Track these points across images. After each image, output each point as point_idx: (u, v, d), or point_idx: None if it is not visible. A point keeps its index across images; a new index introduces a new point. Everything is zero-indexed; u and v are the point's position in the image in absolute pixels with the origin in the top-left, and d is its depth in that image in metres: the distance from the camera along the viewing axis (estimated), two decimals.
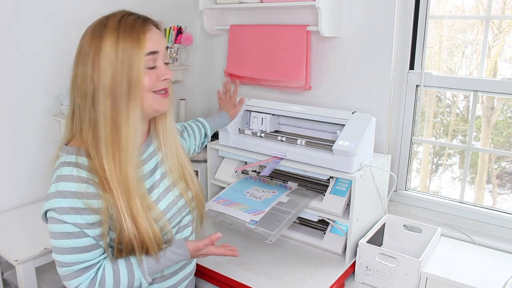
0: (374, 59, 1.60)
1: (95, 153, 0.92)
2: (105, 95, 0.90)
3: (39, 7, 1.57)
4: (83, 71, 0.91)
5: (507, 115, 1.73)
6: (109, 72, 0.89)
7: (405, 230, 1.48)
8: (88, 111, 0.92)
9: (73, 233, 0.90)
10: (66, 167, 0.91)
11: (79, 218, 0.89)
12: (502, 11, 1.54)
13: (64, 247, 0.91)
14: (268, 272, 1.30)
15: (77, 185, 0.89)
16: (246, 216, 1.37)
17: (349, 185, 1.38)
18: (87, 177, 0.91)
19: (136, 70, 0.91)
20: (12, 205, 1.63)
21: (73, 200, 0.89)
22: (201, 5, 1.84)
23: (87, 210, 0.89)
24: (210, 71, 2.13)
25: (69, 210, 0.88)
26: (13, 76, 1.55)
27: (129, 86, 0.91)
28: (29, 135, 1.63)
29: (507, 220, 1.49)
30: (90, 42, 0.91)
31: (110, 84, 0.89)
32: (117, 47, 0.89)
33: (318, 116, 1.49)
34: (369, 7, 1.58)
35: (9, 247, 1.37)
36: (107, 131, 0.91)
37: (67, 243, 0.90)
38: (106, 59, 0.89)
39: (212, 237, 1.06)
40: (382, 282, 1.28)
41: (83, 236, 0.90)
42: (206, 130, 1.46)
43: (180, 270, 1.11)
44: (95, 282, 0.93)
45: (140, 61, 0.91)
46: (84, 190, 0.89)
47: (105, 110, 0.90)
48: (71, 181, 0.89)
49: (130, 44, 0.90)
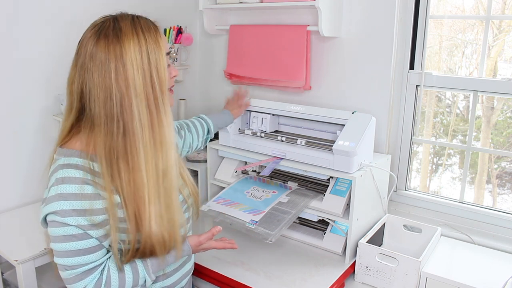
0: (374, 59, 1.60)
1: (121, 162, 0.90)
2: (140, 98, 0.89)
3: (39, 7, 1.57)
4: (102, 79, 0.88)
5: (507, 115, 1.73)
6: (139, 75, 0.89)
7: (405, 230, 1.48)
8: (116, 119, 0.89)
9: (76, 235, 0.89)
10: (66, 169, 0.90)
11: (82, 220, 0.88)
12: (502, 11, 1.54)
13: (67, 250, 0.90)
14: (268, 272, 1.30)
15: (78, 186, 0.89)
16: (246, 216, 1.38)
17: (349, 185, 1.38)
18: (88, 178, 0.90)
19: (163, 70, 0.92)
20: (12, 205, 1.63)
21: (75, 202, 0.88)
22: (201, 5, 1.84)
23: (89, 211, 0.89)
24: (210, 71, 2.13)
25: (72, 212, 0.88)
26: (13, 76, 1.55)
27: (161, 86, 0.92)
28: (29, 135, 1.63)
29: (507, 220, 1.49)
30: (107, 48, 0.88)
31: (142, 87, 0.89)
32: (141, 50, 0.89)
33: (318, 116, 1.49)
34: (369, 7, 1.58)
35: (9, 247, 1.37)
36: (144, 134, 0.90)
37: (70, 246, 0.89)
38: (134, 64, 0.88)
39: (212, 231, 1.09)
40: (382, 282, 1.28)
41: (86, 237, 0.90)
42: (208, 126, 1.46)
43: (180, 267, 1.11)
44: (100, 283, 0.93)
45: (164, 60, 0.93)
46: (85, 191, 0.89)
47: (141, 113, 0.89)
48: (72, 183, 0.89)
49: (152, 45, 0.91)
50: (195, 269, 1.32)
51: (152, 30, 0.93)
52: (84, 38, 0.92)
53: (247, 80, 1.87)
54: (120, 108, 0.88)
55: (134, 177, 0.90)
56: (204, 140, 1.47)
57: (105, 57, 0.88)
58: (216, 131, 1.51)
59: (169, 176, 0.95)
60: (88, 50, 0.89)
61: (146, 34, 0.91)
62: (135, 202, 0.91)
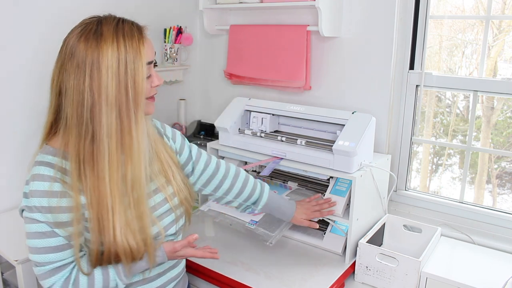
0: (374, 59, 1.60)
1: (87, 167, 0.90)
2: (110, 107, 0.88)
3: (39, 7, 1.57)
4: (77, 82, 0.88)
5: (507, 115, 1.73)
6: (113, 83, 0.87)
7: (405, 230, 1.48)
8: (85, 124, 0.89)
9: (45, 233, 0.90)
10: (38, 167, 0.91)
11: (50, 217, 0.89)
12: (502, 11, 1.54)
13: (37, 247, 0.91)
14: (268, 272, 1.30)
15: (47, 184, 0.89)
16: (246, 216, 1.38)
17: (349, 185, 1.37)
18: (57, 177, 0.90)
19: (140, 80, 0.90)
20: (12, 205, 1.63)
21: (43, 199, 0.89)
22: (201, 5, 1.84)
23: (56, 209, 0.89)
24: (210, 71, 2.13)
25: (41, 209, 0.89)
26: (13, 76, 1.55)
27: (135, 97, 0.90)
28: (29, 135, 1.63)
29: (507, 220, 1.49)
30: (85, 52, 0.87)
31: (115, 96, 0.88)
32: (119, 58, 0.88)
33: (318, 116, 1.49)
34: (369, 7, 1.58)
35: (9, 247, 1.37)
36: (111, 143, 0.89)
37: (40, 243, 0.91)
38: (109, 70, 0.87)
39: (189, 238, 1.03)
40: (382, 282, 1.28)
41: (54, 235, 0.91)
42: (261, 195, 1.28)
43: (166, 272, 1.09)
44: (68, 281, 0.93)
45: (143, 71, 0.91)
46: (54, 189, 0.89)
47: (109, 123, 0.88)
48: (42, 180, 0.89)
49: (132, 54, 0.89)
50: (195, 269, 1.32)
51: (136, 38, 0.91)
52: (68, 37, 0.92)
53: (247, 80, 1.87)
54: (90, 114, 0.88)
55: (98, 184, 0.90)
56: (243, 207, 1.29)
57: (82, 61, 0.87)
58: (263, 209, 1.30)
59: (138, 186, 0.93)
60: (68, 50, 0.90)
61: (127, 41, 0.89)
62: (98, 209, 0.91)
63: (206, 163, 1.22)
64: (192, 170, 1.20)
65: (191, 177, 1.21)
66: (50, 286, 0.93)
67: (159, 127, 1.15)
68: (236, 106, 1.65)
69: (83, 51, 0.88)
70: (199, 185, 1.23)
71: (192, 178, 1.21)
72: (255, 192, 1.27)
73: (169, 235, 1.07)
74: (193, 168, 1.20)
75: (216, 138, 1.67)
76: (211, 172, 1.22)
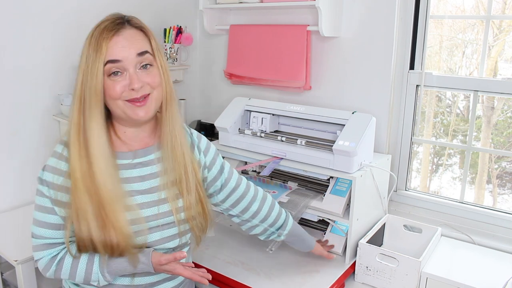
0: (374, 59, 1.60)
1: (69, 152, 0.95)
2: (75, 100, 0.94)
3: (39, 8, 1.57)
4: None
5: (507, 115, 1.73)
6: (80, 79, 0.93)
7: (405, 230, 1.48)
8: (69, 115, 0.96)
9: (46, 208, 0.96)
10: (58, 144, 0.98)
11: (52, 193, 0.94)
12: (502, 11, 1.54)
13: (37, 219, 0.97)
14: (268, 272, 1.29)
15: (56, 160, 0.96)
16: None
17: (349, 185, 1.37)
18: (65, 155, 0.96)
19: (96, 78, 0.91)
20: (12, 205, 1.63)
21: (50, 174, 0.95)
22: (201, 5, 1.84)
23: (59, 187, 0.94)
24: (210, 71, 2.13)
25: (47, 183, 0.95)
26: (13, 76, 1.55)
27: (92, 93, 0.92)
28: (29, 135, 1.63)
29: (507, 220, 1.49)
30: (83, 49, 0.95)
31: (79, 90, 0.93)
32: (87, 55, 0.92)
33: (318, 116, 1.49)
34: (369, 7, 1.58)
35: (9, 247, 1.37)
36: (74, 135, 0.94)
37: (40, 216, 0.96)
38: (81, 66, 0.93)
39: (176, 254, 0.97)
40: (382, 282, 1.28)
41: (52, 212, 0.95)
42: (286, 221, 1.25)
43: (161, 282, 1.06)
44: (54, 260, 0.98)
45: (98, 69, 0.91)
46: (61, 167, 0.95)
47: (72, 114, 0.94)
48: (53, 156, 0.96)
49: (93, 51, 0.91)
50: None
51: (102, 36, 0.91)
52: None
53: (247, 80, 1.87)
54: (71, 105, 0.96)
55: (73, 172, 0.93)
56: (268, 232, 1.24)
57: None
58: (287, 236, 1.25)
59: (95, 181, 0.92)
60: None
61: (95, 37, 0.91)
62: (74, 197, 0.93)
63: (237, 182, 1.17)
64: (221, 187, 1.15)
65: (219, 194, 1.16)
66: (38, 259, 0.99)
67: (194, 138, 1.11)
68: (236, 106, 1.65)
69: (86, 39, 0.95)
70: (227, 205, 1.18)
71: (220, 195, 1.16)
72: (280, 217, 1.24)
73: (168, 248, 1.04)
74: (222, 185, 1.15)
75: (216, 138, 1.67)
76: (241, 193, 1.17)
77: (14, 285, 1.55)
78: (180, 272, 1.00)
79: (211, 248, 1.42)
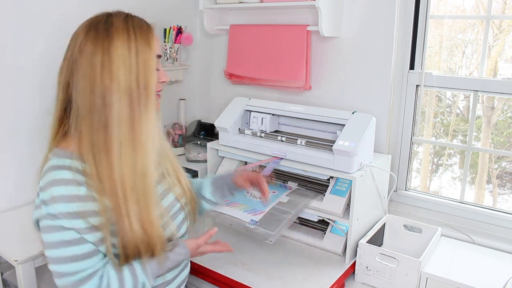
0: (374, 59, 1.60)
1: (102, 156, 0.88)
2: (121, 94, 0.87)
3: (39, 8, 1.57)
4: (88, 70, 0.87)
5: (507, 115, 1.73)
6: (124, 71, 0.87)
7: (405, 230, 1.48)
8: (97, 111, 0.87)
9: (72, 240, 0.86)
10: (58, 171, 0.87)
11: (77, 223, 0.86)
12: (502, 11, 1.54)
13: (63, 257, 0.86)
14: (268, 272, 1.29)
15: (72, 188, 0.86)
16: (246, 216, 1.37)
17: (349, 185, 1.37)
18: (81, 180, 0.87)
19: (151, 71, 0.91)
20: (13, 205, 1.63)
21: (69, 204, 0.85)
22: (201, 5, 1.84)
23: (83, 214, 0.86)
24: (210, 71, 2.13)
25: (66, 215, 0.85)
26: (13, 76, 1.55)
27: (146, 86, 0.90)
28: (29, 135, 1.63)
29: (507, 220, 1.49)
30: (94, 41, 0.88)
31: (126, 83, 0.87)
32: (129, 46, 0.88)
33: (318, 116, 1.49)
34: (369, 7, 1.58)
35: (9, 247, 1.37)
36: (122, 131, 0.88)
37: (66, 252, 0.86)
38: (120, 58, 0.87)
39: (210, 232, 1.06)
40: (382, 282, 1.28)
41: (82, 242, 0.87)
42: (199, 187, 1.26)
43: (180, 272, 1.09)
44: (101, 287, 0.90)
45: (153, 61, 0.91)
46: (80, 193, 0.86)
47: (121, 109, 0.87)
48: (66, 185, 0.86)
49: (142, 44, 0.90)
50: (195, 269, 1.32)
51: (144, 29, 0.92)
52: (76, 31, 0.93)
53: (247, 80, 1.87)
54: (102, 100, 0.87)
55: (111, 173, 0.88)
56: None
57: (93, 50, 0.87)
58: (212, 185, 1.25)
59: (147, 177, 0.92)
60: (77, 42, 0.90)
61: (137, 32, 0.90)
62: (113, 198, 0.88)
63: None
64: None
65: None
66: None
67: None
68: (236, 106, 1.65)
69: (93, 40, 0.88)
70: None
71: None
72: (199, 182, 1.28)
73: (181, 235, 1.07)
74: None
75: (216, 138, 1.67)
76: None
77: (14, 285, 1.55)
78: (212, 250, 1.09)
79: None
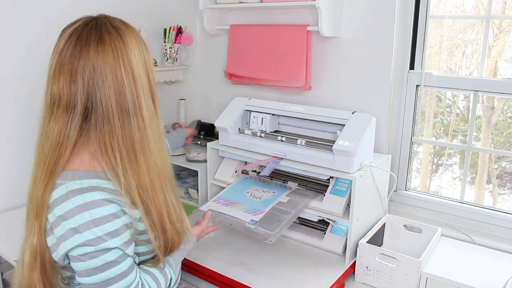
0: (374, 59, 1.60)
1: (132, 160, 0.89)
2: (146, 94, 0.92)
3: (39, 8, 1.57)
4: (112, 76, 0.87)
5: (507, 115, 1.73)
6: (143, 71, 0.92)
7: (405, 230, 1.48)
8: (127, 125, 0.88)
9: (115, 260, 0.85)
10: (84, 194, 0.84)
11: (118, 241, 0.85)
12: (502, 11, 1.54)
13: (109, 278, 0.85)
14: (268, 272, 1.29)
15: (107, 208, 0.84)
16: (246, 216, 1.37)
17: (349, 185, 1.37)
18: (113, 197, 0.86)
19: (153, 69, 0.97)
20: (13, 205, 1.63)
21: (107, 224, 0.84)
22: (201, 5, 1.84)
23: (120, 230, 0.86)
24: (210, 71, 2.13)
25: (110, 235, 0.84)
26: (13, 76, 1.55)
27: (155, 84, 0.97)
28: (29, 135, 1.63)
29: (507, 220, 1.49)
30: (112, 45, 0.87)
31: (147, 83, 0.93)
32: (139, 48, 0.93)
33: (318, 116, 1.49)
34: (369, 7, 1.58)
35: (9, 247, 1.37)
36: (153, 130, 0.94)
37: (111, 273, 0.85)
38: (137, 59, 0.91)
39: (208, 215, 1.24)
40: (382, 282, 1.28)
41: (124, 258, 0.87)
42: None
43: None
44: None
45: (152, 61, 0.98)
46: (113, 211, 0.85)
47: (149, 109, 0.93)
48: (99, 206, 0.84)
49: (142, 41, 0.95)
50: (195, 269, 1.32)
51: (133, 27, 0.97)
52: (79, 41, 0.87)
53: (247, 80, 1.87)
54: (132, 103, 0.89)
55: (147, 173, 0.92)
56: None
57: (113, 54, 0.87)
58: None
59: (167, 166, 0.99)
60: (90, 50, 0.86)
61: (135, 31, 0.95)
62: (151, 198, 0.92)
63: None
64: None
65: None
66: None
67: None
68: (236, 106, 1.65)
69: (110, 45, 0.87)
70: None
71: None
72: None
73: None
74: None
75: (216, 138, 1.67)
76: None
77: None
78: (211, 230, 1.24)
79: (211, 248, 1.42)
